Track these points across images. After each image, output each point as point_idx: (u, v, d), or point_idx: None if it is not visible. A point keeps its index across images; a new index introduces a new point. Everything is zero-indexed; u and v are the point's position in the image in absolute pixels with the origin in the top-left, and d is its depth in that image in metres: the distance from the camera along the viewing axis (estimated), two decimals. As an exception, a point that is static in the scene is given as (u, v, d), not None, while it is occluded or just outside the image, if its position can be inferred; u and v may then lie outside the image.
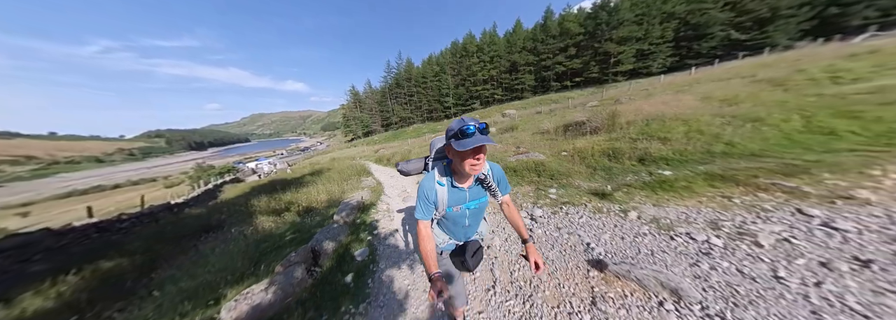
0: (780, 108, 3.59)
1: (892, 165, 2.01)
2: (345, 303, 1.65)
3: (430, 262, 0.82)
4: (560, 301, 1.42)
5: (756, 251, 1.51)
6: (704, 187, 2.34)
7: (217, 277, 2.04)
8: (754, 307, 1.17)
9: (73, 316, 2.16)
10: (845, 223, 1.57)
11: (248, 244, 2.74)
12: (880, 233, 1.45)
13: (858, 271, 1.26)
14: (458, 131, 0.73)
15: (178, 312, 1.68)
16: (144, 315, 1.82)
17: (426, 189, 0.85)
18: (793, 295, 1.20)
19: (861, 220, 1.58)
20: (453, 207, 0.88)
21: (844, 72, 4.96)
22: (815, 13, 18.61)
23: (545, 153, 4.45)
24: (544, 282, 1.58)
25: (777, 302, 1.18)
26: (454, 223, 0.95)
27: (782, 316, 1.11)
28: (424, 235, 0.86)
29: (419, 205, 0.86)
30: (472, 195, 0.90)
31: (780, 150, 2.64)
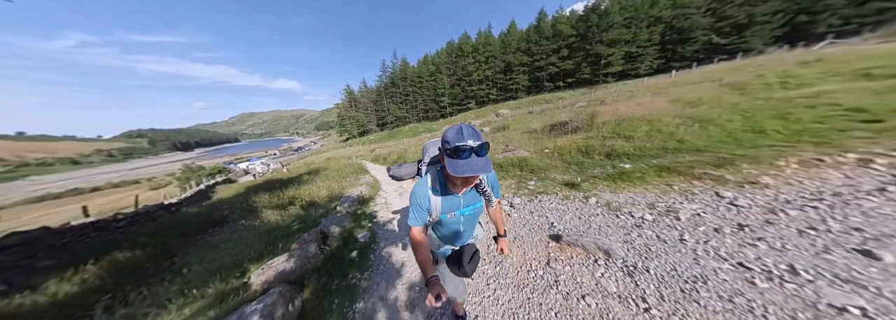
0: (730, 110, 4.12)
1: (794, 157, 2.51)
2: (352, 272, 2.01)
3: (425, 266, 0.80)
4: (523, 264, 1.83)
5: (674, 223, 1.95)
6: (654, 177, 2.81)
7: (237, 258, 2.35)
8: (658, 258, 1.60)
9: (105, 295, 2.41)
10: (743, 200, 2.04)
11: (259, 233, 3.05)
12: (762, 207, 1.92)
13: (736, 232, 1.71)
14: (452, 149, 0.67)
15: (208, 284, 2.00)
16: (177, 289, 2.12)
17: (419, 196, 0.82)
18: (686, 250, 1.64)
19: (755, 199, 2.05)
20: (447, 214, 0.85)
21: (793, 78, 5.59)
22: (786, 20, 19.90)
23: (530, 150, 4.89)
24: (513, 252, 1.98)
25: (674, 255, 1.61)
26: (449, 229, 0.92)
27: (674, 263, 1.54)
28: (418, 240, 0.84)
29: (412, 212, 0.83)
30: (467, 201, 0.86)
31: (719, 146, 3.14)
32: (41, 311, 2.30)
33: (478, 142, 0.66)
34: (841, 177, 2.12)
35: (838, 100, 3.59)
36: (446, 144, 0.69)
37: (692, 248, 1.64)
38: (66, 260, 3.74)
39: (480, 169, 0.65)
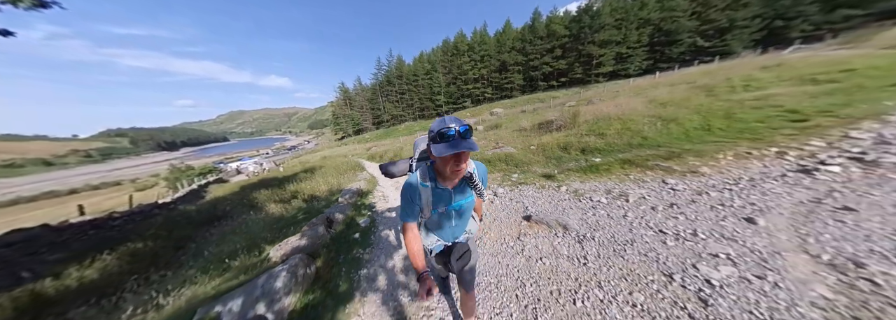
0: (693, 111, 4.63)
1: (731, 151, 3.00)
2: (355, 248, 2.36)
3: (417, 261, 0.80)
4: (499, 238, 2.22)
5: (623, 204, 2.39)
6: (617, 169, 3.25)
7: (252, 242, 2.66)
8: (603, 230, 2.03)
9: (131, 276, 2.66)
10: (681, 186, 2.50)
11: (267, 222, 3.35)
12: (693, 190, 2.38)
13: (666, 209, 2.15)
14: (437, 133, 0.69)
15: (231, 261, 2.31)
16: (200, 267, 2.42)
17: (409, 191, 0.81)
18: (626, 223, 2.07)
19: (690, 184, 2.50)
20: (438, 209, 0.85)
21: (754, 81, 6.19)
22: (764, 25, 21.03)
23: (517, 147, 5.31)
24: (491, 230, 2.38)
25: (616, 227, 2.04)
26: (440, 224, 0.91)
27: (614, 233, 1.96)
28: (410, 236, 0.84)
29: (403, 207, 0.83)
30: (458, 195, 0.85)
31: (674, 142, 3.62)
32: (73, 292, 2.55)
33: (461, 125, 0.69)
34: (760, 166, 2.60)
35: (780, 103, 4.13)
36: (431, 132, 0.71)
37: (630, 222, 2.07)
38: (74, 254, 3.93)
39: (465, 146, 0.66)
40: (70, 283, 2.68)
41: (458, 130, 0.68)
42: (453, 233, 0.96)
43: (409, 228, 0.85)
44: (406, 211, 0.84)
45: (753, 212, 1.88)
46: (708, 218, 1.92)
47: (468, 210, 0.93)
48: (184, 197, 13.67)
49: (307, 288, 1.76)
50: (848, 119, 3.15)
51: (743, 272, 1.37)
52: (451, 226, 0.93)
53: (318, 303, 1.66)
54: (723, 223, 1.82)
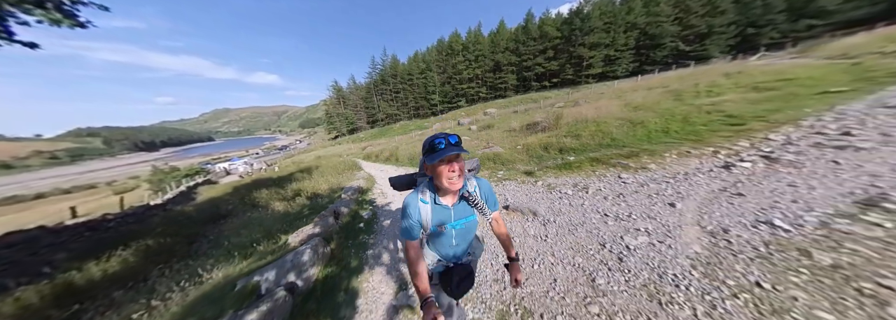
0: (658, 114, 5.27)
1: (676, 150, 3.59)
2: (361, 234, 2.79)
3: (421, 285, 0.77)
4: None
5: (583, 195, 2.92)
6: (586, 166, 3.80)
7: (267, 232, 3.03)
8: (563, 215, 2.54)
9: (156, 266, 2.96)
10: (631, 179, 3.05)
11: (276, 217, 3.70)
12: (639, 183, 2.94)
13: (614, 198, 2.69)
14: (429, 147, 0.72)
15: (253, 247, 2.68)
16: (223, 255, 2.77)
17: (409, 207, 0.81)
18: (582, 209, 2.59)
19: (638, 178, 3.07)
20: (438, 226, 0.83)
21: (715, 87, 6.95)
22: (738, 31, 22.57)
23: (505, 147, 5.83)
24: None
25: (574, 213, 2.56)
26: (441, 243, 0.89)
27: (571, 217, 2.48)
28: (413, 256, 0.81)
29: (404, 225, 0.82)
30: (458, 214, 0.85)
31: (636, 142, 4.21)
32: (105, 281, 2.83)
33: (450, 135, 0.74)
34: (696, 163, 3.20)
35: (727, 108, 4.81)
36: (425, 147, 0.76)
37: (585, 208, 2.60)
38: (81, 253, 4.13)
39: (455, 150, 0.70)
40: (96, 274, 2.96)
41: (449, 140, 0.72)
42: (454, 252, 0.92)
43: (411, 246, 0.81)
44: (407, 228, 0.81)
45: (677, 198, 2.44)
46: (643, 204, 2.47)
47: (470, 230, 0.91)
48: (174, 199, 13.52)
49: (325, 264, 2.18)
50: (774, 123, 3.82)
51: (652, 239, 1.90)
52: (451, 245, 0.90)
53: (335, 275, 2.08)
54: (652, 207, 2.37)
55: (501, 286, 1.70)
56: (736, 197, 2.26)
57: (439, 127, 20.73)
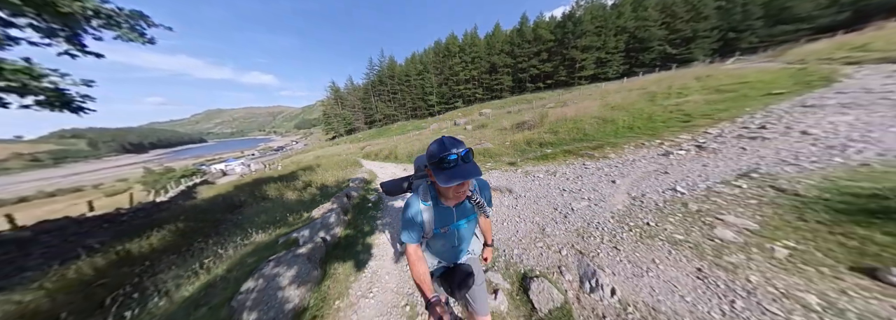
0: (629, 113, 6.01)
1: (633, 143, 4.31)
2: (370, 211, 3.43)
3: (424, 287, 0.77)
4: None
5: (551, 178, 3.61)
6: (560, 156, 4.50)
7: (291, 211, 3.63)
8: (532, 191, 3.22)
9: (193, 241, 3.51)
10: (591, 165, 3.75)
11: (292, 203, 4.30)
12: (596, 168, 3.64)
13: (574, 179, 3.39)
14: (438, 159, 0.67)
15: (282, 220, 3.28)
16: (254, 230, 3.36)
17: (410, 212, 0.80)
18: (548, 188, 3.27)
19: (597, 164, 3.77)
20: (441, 229, 0.83)
21: (686, 89, 7.77)
22: (721, 36, 23.93)
23: (494, 143, 6.52)
24: (465, 196, 3.51)
25: (541, 189, 3.24)
26: (443, 244, 0.90)
27: (537, 193, 3.15)
28: (415, 259, 0.80)
29: (405, 229, 0.81)
30: (460, 214, 0.85)
31: (604, 137, 4.93)
32: (150, 252, 3.39)
33: (462, 149, 0.68)
34: (645, 152, 3.91)
35: (686, 108, 5.58)
36: (432, 158, 0.70)
37: (550, 187, 3.28)
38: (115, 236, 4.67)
39: (470, 173, 0.66)
40: (145, 247, 3.50)
41: (460, 155, 0.68)
42: (455, 253, 0.94)
43: (413, 250, 0.82)
44: (408, 232, 0.82)
45: (619, 177, 3.13)
46: (593, 182, 3.16)
47: (472, 228, 0.93)
48: (177, 197, 13.87)
49: (345, 227, 2.81)
50: (717, 120, 4.57)
51: (590, 204, 2.59)
52: (453, 246, 0.91)
53: (353, 235, 2.71)
54: (599, 184, 3.06)
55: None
56: (662, 175, 2.96)
57: (436, 127, 21.39)
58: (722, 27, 23.78)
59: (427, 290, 0.77)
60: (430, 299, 0.74)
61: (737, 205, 2.02)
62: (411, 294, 1.75)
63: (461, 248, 0.96)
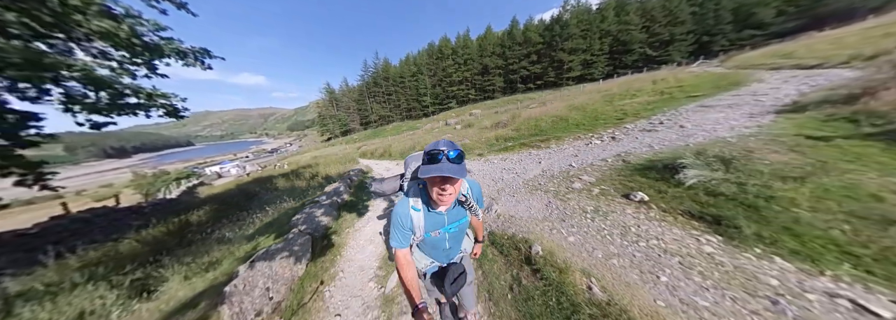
0: (583, 112, 7.35)
1: (574, 136, 5.62)
2: (367, 188, 4.66)
3: (413, 293, 0.78)
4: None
5: (503, 163, 4.90)
6: (517, 148, 5.80)
7: (305, 193, 4.83)
8: (482, 171, 4.52)
9: (234, 213, 4.64)
10: (534, 153, 5.06)
11: (304, 188, 5.49)
12: (537, 155, 4.94)
13: (518, 162, 4.69)
14: (427, 154, 0.70)
15: (299, 197, 4.47)
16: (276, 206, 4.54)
17: (400, 215, 0.80)
18: (500, 169, 4.56)
19: (539, 152, 5.07)
20: (432, 232, 0.85)
21: (640, 92, 9.18)
22: (695, 39, 25.91)
23: (472, 139, 7.80)
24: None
25: (494, 172, 4.53)
26: (434, 247, 0.92)
27: (491, 174, 4.44)
28: (403, 263, 0.82)
29: (394, 233, 0.81)
30: (452, 217, 0.86)
31: (555, 132, 6.25)
32: (200, 223, 4.54)
33: (452, 149, 0.70)
34: (579, 143, 5.21)
35: (627, 108, 6.94)
36: (425, 154, 0.73)
37: (500, 169, 4.56)
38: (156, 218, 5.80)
39: (449, 171, 0.66)
40: (194, 219, 4.64)
41: (447, 155, 0.68)
42: (447, 254, 0.97)
43: (402, 255, 0.83)
44: (396, 236, 0.82)
45: (544, 159, 4.43)
46: (526, 163, 4.45)
47: (462, 231, 0.96)
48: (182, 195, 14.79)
49: (349, 196, 4.03)
50: (639, 117, 5.91)
51: (514, 175, 3.89)
52: (444, 248, 0.93)
53: (355, 201, 3.94)
54: (529, 164, 4.36)
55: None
56: (573, 157, 4.27)
57: (429, 127, 22.63)
58: (697, 31, 25.76)
59: (415, 296, 0.77)
60: (417, 305, 0.76)
61: (595, 170, 3.32)
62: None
63: (454, 250, 0.98)
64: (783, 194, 1.88)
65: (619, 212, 2.31)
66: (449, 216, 0.85)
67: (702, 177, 2.26)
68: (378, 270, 2.09)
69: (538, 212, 2.60)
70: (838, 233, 1.53)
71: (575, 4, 32.48)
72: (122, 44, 2.38)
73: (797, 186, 1.93)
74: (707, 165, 2.37)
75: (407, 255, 0.85)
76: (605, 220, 2.23)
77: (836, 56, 7.09)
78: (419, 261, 0.97)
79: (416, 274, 0.87)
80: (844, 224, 1.57)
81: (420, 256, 0.98)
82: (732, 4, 24.11)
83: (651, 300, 1.40)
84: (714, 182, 2.18)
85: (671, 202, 2.22)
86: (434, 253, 0.97)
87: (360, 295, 1.81)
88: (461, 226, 0.91)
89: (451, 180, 0.71)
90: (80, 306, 1.68)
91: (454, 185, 0.73)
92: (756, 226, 1.73)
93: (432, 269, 1.00)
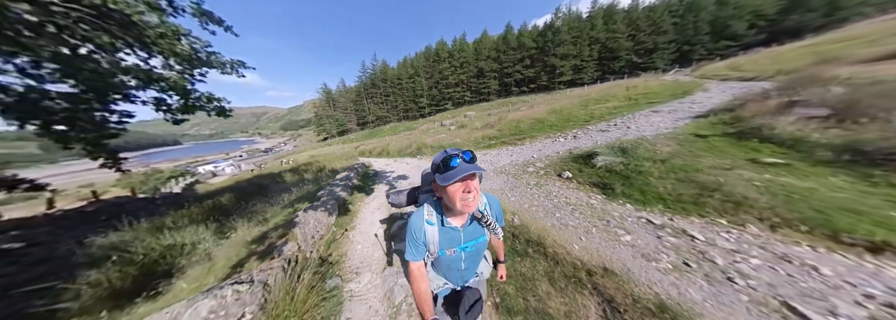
0: (559, 115, 8.54)
1: (545, 134, 6.75)
2: (371, 177, 5.67)
3: (425, 306, 0.77)
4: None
5: (488, 157, 5.98)
6: (497, 146, 6.89)
7: (319, 180, 5.78)
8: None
9: (255, 199, 5.54)
10: (511, 148, 6.17)
11: (314, 179, 6.44)
12: (511, 149, 6.05)
13: (493, 156, 5.77)
14: (440, 163, 0.69)
15: (315, 184, 5.43)
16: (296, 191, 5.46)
17: (414, 228, 0.78)
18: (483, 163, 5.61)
19: (513, 148, 6.18)
20: (446, 250, 0.81)
21: (612, 97, 10.47)
22: (677, 48, 27.95)
23: (463, 139, 8.89)
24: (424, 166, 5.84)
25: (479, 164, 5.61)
26: (449, 267, 0.88)
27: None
28: (417, 276, 0.80)
29: (408, 246, 0.80)
30: (468, 235, 0.82)
31: (531, 132, 7.38)
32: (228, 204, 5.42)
33: (464, 152, 0.71)
34: (546, 141, 6.34)
35: (595, 112, 8.15)
36: (434, 163, 0.72)
37: (481, 161, 5.54)
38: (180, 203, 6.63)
39: (470, 169, 0.66)
40: (222, 202, 5.53)
41: (463, 157, 0.69)
42: (462, 276, 0.93)
43: (415, 268, 0.81)
44: (410, 249, 0.80)
45: (516, 153, 5.52)
46: (504, 156, 5.52)
47: (480, 251, 0.91)
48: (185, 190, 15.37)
49: (358, 181, 5.01)
50: (602, 120, 7.10)
51: (488, 165, 4.96)
52: (459, 269, 0.89)
53: (362, 184, 4.92)
54: (502, 157, 5.44)
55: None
56: (537, 151, 5.36)
57: (425, 128, 23.67)
58: (678, 40, 27.80)
59: (427, 310, 0.77)
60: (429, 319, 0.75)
61: (548, 159, 4.41)
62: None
63: (469, 271, 0.94)
64: (647, 169, 2.98)
65: (551, 184, 3.39)
66: (465, 233, 0.82)
67: (607, 160, 3.37)
68: (380, 225, 3.08)
69: (497, 186, 3.66)
70: (663, 190, 2.62)
71: (566, 12, 34.39)
72: (185, 58, 3.30)
73: (658, 165, 3.04)
74: (613, 153, 3.48)
75: (421, 268, 0.83)
76: (539, 189, 3.31)
77: (768, 71, 8.49)
78: (433, 282, 0.92)
79: (429, 288, 0.84)
80: (669, 185, 2.66)
81: (433, 277, 0.93)
82: (710, 17, 26.23)
83: (547, 224, 2.46)
84: (612, 163, 3.28)
85: (584, 177, 3.32)
86: (449, 274, 0.92)
87: (368, 236, 2.80)
88: (479, 246, 0.87)
89: (472, 177, 0.70)
90: (191, 238, 2.61)
91: (475, 183, 0.72)
92: (623, 188, 2.82)
93: (445, 292, 0.95)
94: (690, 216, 2.22)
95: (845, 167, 2.43)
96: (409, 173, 5.82)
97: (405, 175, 5.66)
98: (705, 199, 2.29)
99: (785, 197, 2.09)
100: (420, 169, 6.43)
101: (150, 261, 2.50)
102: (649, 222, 2.24)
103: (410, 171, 6.06)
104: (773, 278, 1.46)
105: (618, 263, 1.77)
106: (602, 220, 2.39)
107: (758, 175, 2.50)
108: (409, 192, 1.08)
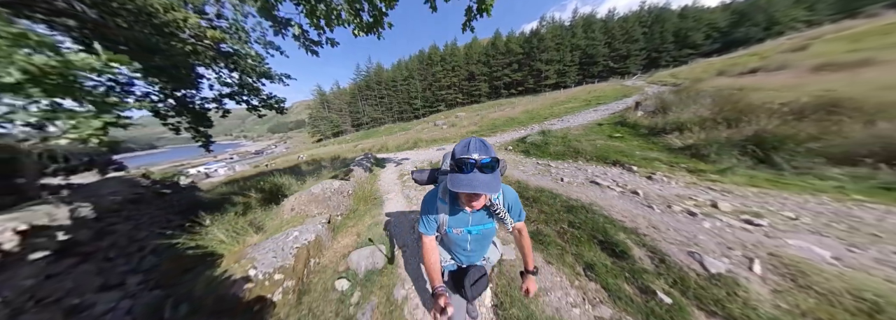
0: (529, 114, 10.94)
1: (513, 128, 9.09)
2: (381, 162, 7.78)
3: (433, 275, 0.82)
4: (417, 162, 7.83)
5: (465, 144, 8.25)
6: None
7: (341, 164, 7.82)
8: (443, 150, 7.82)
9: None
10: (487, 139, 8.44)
11: (334, 166, 8.47)
12: (493, 137, 8.32)
13: (473, 143, 8.06)
14: (456, 161, 0.69)
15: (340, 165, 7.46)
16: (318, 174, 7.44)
17: (428, 203, 0.86)
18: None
19: (493, 137, 8.47)
20: (454, 229, 0.87)
21: (574, 100, 13.05)
22: (647, 55, 31.76)
23: (451, 135, 11.14)
24: (416, 159, 7.97)
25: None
26: (455, 246, 0.94)
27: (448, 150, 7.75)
28: (429, 248, 0.86)
29: (422, 220, 0.87)
30: (476, 219, 0.87)
31: (504, 127, 9.70)
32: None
33: (484, 156, 0.67)
34: (510, 133, 8.66)
35: (556, 112, 10.60)
36: (453, 158, 0.72)
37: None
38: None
39: (480, 187, 0.64)
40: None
41: (480, 163, 0.66)
42: (468, 257, 0.98)
43: (428, 241, 0.88)
44: (425, 222, 0.87)
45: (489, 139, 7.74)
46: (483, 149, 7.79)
47: (487, 236, 0.94)
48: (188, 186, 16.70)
49: (372, 165, 7.11)
50: (554, 117, 9.51)
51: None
52: (465, 250, 0.94)
53: (377, 164, 7.03)
54: (479, 143, 7.70)
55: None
56: (502, 138, 7.65)
57: (420, 128, 25.86)
58: (647, 48, 31.61)
59: (436, 279, 0.83)
60: (437, 287, 0.80)
61: (504, 142, 6.68)
62: (400, 174, 6.13)
63: (475, 254, 0.98)
64: (552, 142, 5.27)
65: (499, 154, 5.64)
66: (473, 217, 0.86)
67: (533, 139, 5.65)
68: (396, 179, 5.18)
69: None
70: (553, 151, 4.90)
71: (550, 21, 38.07)
72: (261, 74, 5.29)
73: (559, 140, 5.34)
74: (538, 135, 5.77)
75: (432, 242, 0.89)
76: (492, 156, 5.57)
77: (692, 78, 11.27)
78: (441, 255, 0.98)
79: (439, 260, 0.89)
80: (559, 149, 4.94)
81: (442, 250, 0.99)
82: (673, 27, 30.21)
83: (489, 170, 4.70)
84: (536, 141, 5.56)
85: (518, 148, 5.59)
86: (455, 250, 0.97)
87: (387, 182, 4.92)
88: (485, 231, 0.91)
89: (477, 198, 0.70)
90: (285, 182, 4.69)
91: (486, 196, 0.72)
92: (539, 153, 5.09)
93: (450, 267, 1.01)
94: (558, 160, 4.50)
95: (644, 136, 4.79)
96: (409, 156, 7.96)
97: (407, 157, 7.79)
98: (568, 153, 4.57)
99: (602, 149, 4.39)
100: (417, 155, 8.60)
101: (271, 189, 4.53)
102: (539, 164, 4.49)
103: (410, 156, 8.23)
104: (573, 173, 3.72)
105: (530, 179, 4.00)
106: (521, 165, 4.63)
107: (604, 142, 4.81)
108: (430, 172, 1.14)
